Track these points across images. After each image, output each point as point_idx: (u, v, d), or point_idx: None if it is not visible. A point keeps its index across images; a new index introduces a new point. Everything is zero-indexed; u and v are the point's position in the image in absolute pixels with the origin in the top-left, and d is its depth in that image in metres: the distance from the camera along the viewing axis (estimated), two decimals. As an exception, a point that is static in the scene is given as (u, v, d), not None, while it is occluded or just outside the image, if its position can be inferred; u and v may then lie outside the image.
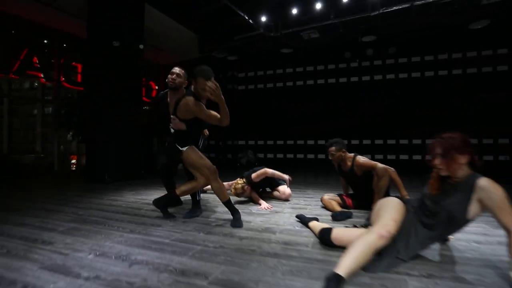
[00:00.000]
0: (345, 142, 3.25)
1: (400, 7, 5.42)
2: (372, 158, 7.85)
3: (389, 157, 7.99)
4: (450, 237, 2.10)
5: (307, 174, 6.97)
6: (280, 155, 9.16)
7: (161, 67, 9.86)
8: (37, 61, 6.88)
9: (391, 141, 8.04)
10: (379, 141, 8.13)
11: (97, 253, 1.86)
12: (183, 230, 2.40)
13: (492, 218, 1.58)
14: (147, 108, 8.90)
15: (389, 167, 2.96)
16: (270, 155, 9.28)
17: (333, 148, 3.15)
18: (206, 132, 3.23)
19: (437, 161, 1.70)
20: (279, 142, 9.23)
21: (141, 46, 5.58)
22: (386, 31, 6.87)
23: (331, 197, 3.21)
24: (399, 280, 1.50)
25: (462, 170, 1.66)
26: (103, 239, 2.15)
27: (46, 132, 9.02)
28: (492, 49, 7.19)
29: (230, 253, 1.88)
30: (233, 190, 3.54)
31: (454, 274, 1.57)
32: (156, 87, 9.66)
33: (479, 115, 7.21)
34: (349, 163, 3.16)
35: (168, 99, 3.13)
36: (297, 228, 2.46)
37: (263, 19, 6.46)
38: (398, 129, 7.94)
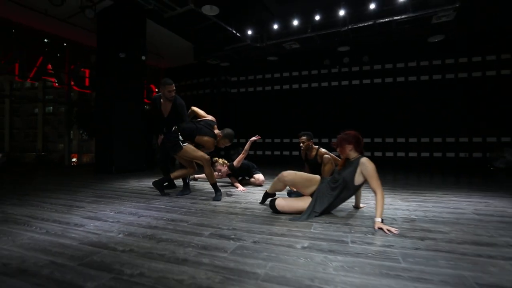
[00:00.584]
0: (326, 140, 4.27)
1: (365, 24, 6.31)
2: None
3: (365, 154, 8.90)
4: (362, 205, 3.03)
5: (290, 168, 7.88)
6: (268, 152, 10.08)
7: (161, 71, 10.77)
8: (51, 68, 7.77)
9: (366, 139, 8.97)
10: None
11: (116, 212, 2.79)
12: (175, 201, 3.33)
13: (396, 195, 2.50)
14: (147, 107, 9.81)
15: (335, 157, 3.89)
16: (259, 152, 10.20)
17: (304, 137, 4.12)
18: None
19: (337, 148, 2.66)
20: (267, 140, 10.15)
21: (144, 58, 6.50)
22: (358, 42, 7.80)
23: None
24: (309, 225, 2.41)
25: (353, 153, 2.60)
26: (118, 205, 3.07)
27: (48, 131, 9.88)
28: (454, 58, 8.11)
29: (206, 213, 2.80)
30: (214, 160, 4.40)
31: (347, 221, 2.50)
32: (156, 90, 10.57)
33: (442, 115, 8.17)
34: (313, 153, 4.11)
35: (162, 106, 3.98)
36: (258, 202, 3.38)
37: (249, 32, 7.38)
38: (373, 129, 8.87)
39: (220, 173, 4.49)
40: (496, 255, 1.72)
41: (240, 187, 4.27)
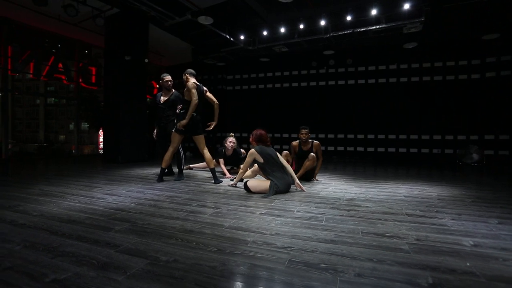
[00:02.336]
0: (313, 135, 4.93)
1: (345, 32, 7.05)
2: (335, 150, 9.66)
3: (348, 148, 9.74)
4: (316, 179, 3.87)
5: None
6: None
7: (162, 69, 11.51)
8: (62, 66, 8.53)
9: (350, 135, 9.78)
10: (340, 135, 9.87)
11: (127, 190, 3.61)
12: (172, 184, 4.14)
13: (354, 183, 3.32)
14: (148, 101, 10.59)
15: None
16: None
17: (307, 130, 4.67)
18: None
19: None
20: (260, 135, 10.93)
21: (146, 60, 7.26)
22: (341, 47, 8.55)
23: None
24: (272, 201, 3.22)
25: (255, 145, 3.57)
26: (127, 186, 3.89)
27: (52, 123, 10.66)
28: (430, 62, 8.86)
29: (196, 193, 3.62)
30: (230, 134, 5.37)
31: (301, 199, 3.31)
32: (157, 86, 11.33)
33: (419, 114, 8.97)
34: (309, 145, 4.73)
35: (162, 97, 4.89)
36: (240, 187, 4.20)
37: (242, 37, 8.13)
38: (357, 125, 9.67)
39: (226, 144, 5.28)
40: (390, 219, 2.53)
41: (228, 174, 5.06)
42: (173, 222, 2.34)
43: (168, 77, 4.86)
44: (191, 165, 5.92)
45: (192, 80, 4.32)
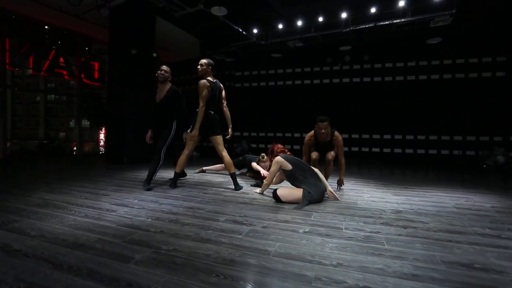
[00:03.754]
0: None
1: (366, 26, 6.58)
2: (349, 151, 9.18)
3: (363, 149, 9.29)
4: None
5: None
6: (270, 146, 10.42)
7: (169, 65, 11.02)
8: (63, 61, 8.06)
9: (365, 136, 9.33)
10: (355, 135, 9.42)
11: (139, 199, 3.16)
12: (188, 191, 3.69)
13: (388, 189, 2.86)
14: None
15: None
16: (261, 145, 10.55)
17: (327, 123, 3.88)
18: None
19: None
20: (270, 134, 10.50)
21: (155, 55, 6.80)
22: (359, 42, 8.08)
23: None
24: (309, 213, 2.78)
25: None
26: (138, 194, 3.44)
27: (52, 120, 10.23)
28: (452, 59, 8.39)
29: (218, 202, 3.17)
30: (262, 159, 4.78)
31: (341, 212, 2.87)
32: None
33: (438, 114, 8.52)
34: (329, 138, 3.96)
35: (157, 94, 4.02)
36: (267, 195, 3.75)
37: (255, 31, 7.66)
38: (371, 125, 9.21)
39: (259, 164, 4.75)
40: (463, 241, 2.09)
41: (264, 172, 4.51)
42: (205, 247, 1.89)
43: (162, 67, 4.04)
44: (204, 168, 5.47)
45: (206, 77, 3.74)
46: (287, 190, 3.20)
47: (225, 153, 3.92)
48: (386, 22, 6.32)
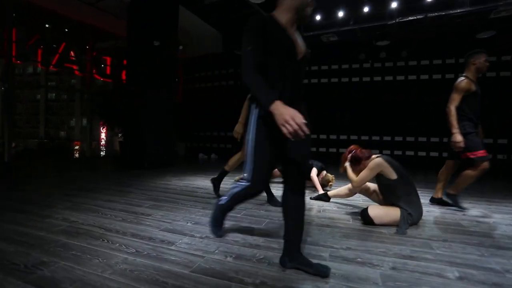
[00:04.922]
0: (355, 137, 3.72)
1: (415, 17, 5.91)
2: (380, 153, 8.39)
3: (396, 152, 8.59)
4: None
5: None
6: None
7: (187, 59, 10.21)
8: (73, 54, 7.36)
9: (398, 138, 8.63)
10: (387, 138, 8.72)
11: (192, 222, 2.45)
12: (245, 208, 2.96)
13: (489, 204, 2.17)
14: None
15: None
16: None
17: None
18: None
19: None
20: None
21: (181, 47, 6.11)
22: (399, 36, 7.38)
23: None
24: (425, 243, 2.08)
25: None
26: (185, 212, 2.74)
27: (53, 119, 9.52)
28: (496, 56, 7.69)
29: (271, 216, 2.46)
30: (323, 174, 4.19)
31: (468, 239, 2.17)
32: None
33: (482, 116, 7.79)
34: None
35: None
36: (329, 208, 3.05)
37: (287, 23, 6.95)
38: (405, 127, 8.51)
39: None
40: None
41: (321, 190, 3.85)
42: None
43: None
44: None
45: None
46: (382, 210, 2.50)
47: None
48: (443, 13, 5.63)
